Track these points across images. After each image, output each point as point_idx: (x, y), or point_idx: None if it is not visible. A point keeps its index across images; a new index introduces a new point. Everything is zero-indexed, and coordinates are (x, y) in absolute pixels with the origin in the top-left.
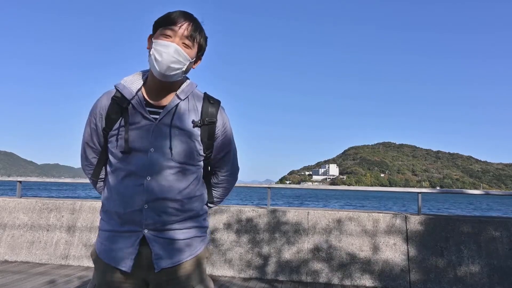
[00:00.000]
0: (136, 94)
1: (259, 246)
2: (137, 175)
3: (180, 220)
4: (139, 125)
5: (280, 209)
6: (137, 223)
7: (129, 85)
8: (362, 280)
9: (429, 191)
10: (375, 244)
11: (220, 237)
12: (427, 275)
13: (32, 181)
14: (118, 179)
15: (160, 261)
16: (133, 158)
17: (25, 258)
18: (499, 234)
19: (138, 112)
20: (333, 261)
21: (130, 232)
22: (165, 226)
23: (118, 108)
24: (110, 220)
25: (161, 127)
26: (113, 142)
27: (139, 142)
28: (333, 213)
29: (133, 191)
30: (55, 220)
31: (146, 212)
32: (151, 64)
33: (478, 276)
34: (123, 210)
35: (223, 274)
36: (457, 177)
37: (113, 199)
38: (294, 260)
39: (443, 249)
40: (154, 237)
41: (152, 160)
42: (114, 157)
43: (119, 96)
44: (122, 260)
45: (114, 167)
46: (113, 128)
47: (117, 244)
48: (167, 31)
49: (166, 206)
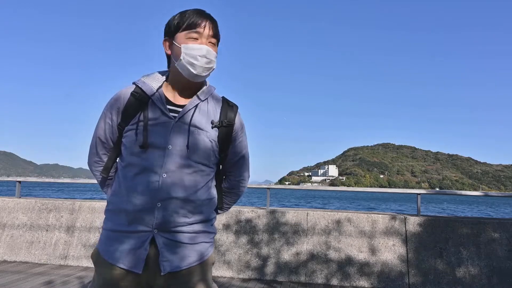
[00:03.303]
0: (157, 91)
1: (258, 247)
2: (153, 172)
3: (191, 223)
4: (158, 121)
5: (279, 210)
6: (147, 222)
7: (149, 82)
8: (361, 281)
9: (428, 192)
10: (374, 245)
11: (219, 237)
12: (426, 276)
13: (32, 181)
14: (130, 175)
15: (167, 264)
16: (150, 154)
17: (24, 258)
18: (498, 235)
19: (158, 108)
20: (332, 262)
21: (139, 232)
22: (175, 228)
23: (137, 103)
24: (117, 219)
25: (180, 125)
26: (130, 136)
27: (157, 138)
28: (332, 214)
29: (147, 187)
30: (54, 220)
31: (158, 211)
32: (183, 68)
33: (477, 277)
34: (133, 208)
35: (222, 275)
36: (457, 179)
37: (122, 196)
38: (293, 261)
39: (442, 250)
40: (163, 239)
41: (170, 157)
42: (129, 152)
43: (139, 91)
44: (131, 262)
45: (127, 163)
46: (130, 123)
47: (125, 245)
48: (193, 34)
49: (179, 206)
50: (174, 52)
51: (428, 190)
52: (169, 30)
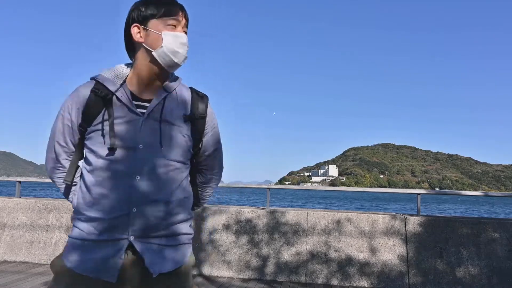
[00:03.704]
0: (121, 86)
1: (258, 247)
2: (125, 175)
3: (169, 226)
4: (125, 119)
5: (279, 210)
6: (122, 229)
7: (110, 76)
8: (361, 281)
9: (428, 193)
10: (374, 245)
11: (219, 237)
12: (426, 276)
13: (32, 181)
14: (99, 180)
15: (153, 267)
16: (119, 155)
17: (24, 258)
18: (499, 235)
19: (124, 105)
20: (332, 262)
21: (113, 240)
22: (152, 232)
23: (99, 101)
24: (88, 227)
25: (150, 122)
26: (95, 138)
27: (126, 138)
28: (332, 214)
29: (120, 193)
30: (54, 220)
31: (133, 217)
32: (164, 56)
33: (477, 277)
34: (106, 215)
35: (222, 275)
36: (457, 179)
37: (92, 203)
38: (293, 261)
39: (442, 250)
40: (141, 245)
41: (142, 157)
42: (96, 156)
43: (100, 88)
44: (104, 271)
45: (94, 167)
46: (93, 123)
47: (97, 254)
48: (172, 21)
49: (156, 209)
50: (150, 39)
51: (428, 190)
52: (140, 15)
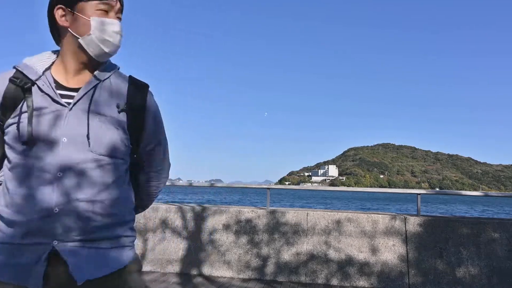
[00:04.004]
0: (43, 74)
1: (258, 247)
2: (45, 171)
3: (101, 228)
4: (47, 110)
5: (279, 210)
6: (45, 233)
7: (32, 64)
8: (361, 281)
9: (428, 193)
10: (374, 245)
11: (219, 238)
12: (426, 276)
13: None
14: (18, 179)
15: (78, 275)
16: (39, 150)
17: None
18: (499, 235)
19: (46, 94)
20: (332, 262)
21: (35, 245)
22: (79, 235)
23: (17, 91)
24: (8, 230)
25: (77, 113)
26: (12, 132)
27: (47, 130)
28: (332, 214)
29: (40, 191)
30: None
31: (56, 218)
32: (92, 45)
33: (477, 277)
34: (26, 217)
35: (222, 275)
36: (457, 179)
37: (11, 205)
38: (293, 261)
39: (442, 250)
40: (67, 249)
41: (65, 152)
42: (14, 151)
43: (19, 76)
44: (27, 278)
45: (13, 164)
46: (11, 116)
47: (18, 259)
48: (103, 6)
49: (84, 210)
50: (77, 24)
51: (428, 190)
52: None
